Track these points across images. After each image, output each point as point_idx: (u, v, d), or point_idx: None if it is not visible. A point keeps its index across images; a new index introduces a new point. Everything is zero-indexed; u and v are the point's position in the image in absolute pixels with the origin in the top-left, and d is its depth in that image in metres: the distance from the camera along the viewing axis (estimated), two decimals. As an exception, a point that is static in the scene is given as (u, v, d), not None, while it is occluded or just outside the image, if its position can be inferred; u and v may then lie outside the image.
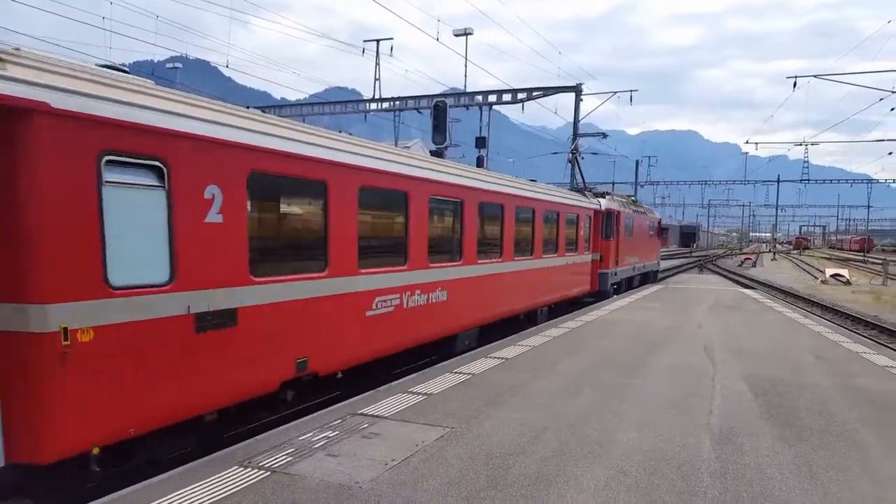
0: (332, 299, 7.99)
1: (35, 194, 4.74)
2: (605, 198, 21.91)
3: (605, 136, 33.15)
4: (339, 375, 8.58)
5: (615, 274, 22.53)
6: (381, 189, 9.09)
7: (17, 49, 4.94)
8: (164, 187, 5.69)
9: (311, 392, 8.21)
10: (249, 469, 5.37)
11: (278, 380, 7.14)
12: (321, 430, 6.41)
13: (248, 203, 6.66)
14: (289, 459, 5.59)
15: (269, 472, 5.29)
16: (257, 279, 6.71)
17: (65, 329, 4.88)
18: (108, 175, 5.21)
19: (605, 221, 21.31)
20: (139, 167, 5.49)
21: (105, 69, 5.77)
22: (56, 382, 4.85)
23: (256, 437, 6.30)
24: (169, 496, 4.82)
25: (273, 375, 7.06)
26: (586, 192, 21.94)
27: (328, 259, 7.90)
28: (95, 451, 5.22)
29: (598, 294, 21.29)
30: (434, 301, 10.64)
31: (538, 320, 15.98)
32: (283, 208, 7.75)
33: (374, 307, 8.91)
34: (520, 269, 14.44)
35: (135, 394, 5.46)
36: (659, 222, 32.61)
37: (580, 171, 25.28)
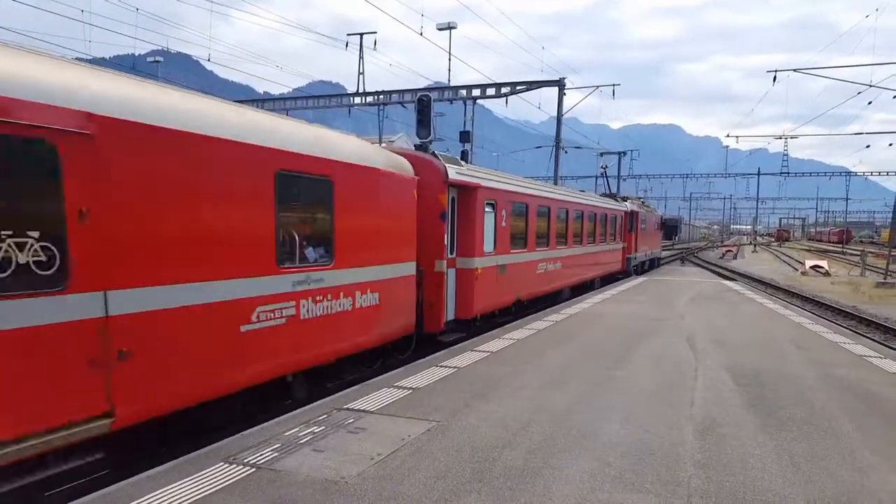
0: (526, 263, 15.93)
1: (477, 216, 12.50)
2: (627, 201, 30.50)
3: (624, 154, 42.27)
4: (525, 303, 16.01)
5: (635, 258, 30.53)
6: (542, 206, 17.09)
7: (461, 160, 12.99)
8: (493, 212, 13.35)
9: (520, 312, 15.56)
10: (235, 465, 5.34)
11: (512, 301, 15.04)
12: (307, 426, 6.40)
13: (511, 217, 14.47)
14: (274, 455, 5.57)
15: (254, 469, 5.27)
16: (511, 251, 14.63)
17: (476, 268, 12.47)
18: (485, 209, 12.95)
19: (630, 219, 29.17)
20: (489, 204, 13.12)
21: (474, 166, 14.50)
22: (475, 287, 12.50)
23: (242, 432, 6.26)
24: (154, 493, 4.78)
25: (512, 298, 14.95)
26: (617, 198, 30.27)
27: (527, 241, 15.92)
28: (477, 318, 12.97)
29: (625, 273, 28.93)
30: (556, 268, 18.54)
31: (595, 286, 23.71)
32: (519, 218, 15.27)
33: (538, 269, 16.97)
34: (589, 252, 22.54)
35: (486, 294, 13.12)
36: (662, 219, 40.92)
37: (608, 181, 34.20)
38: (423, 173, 10.85)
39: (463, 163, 12.91)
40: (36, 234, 4.67)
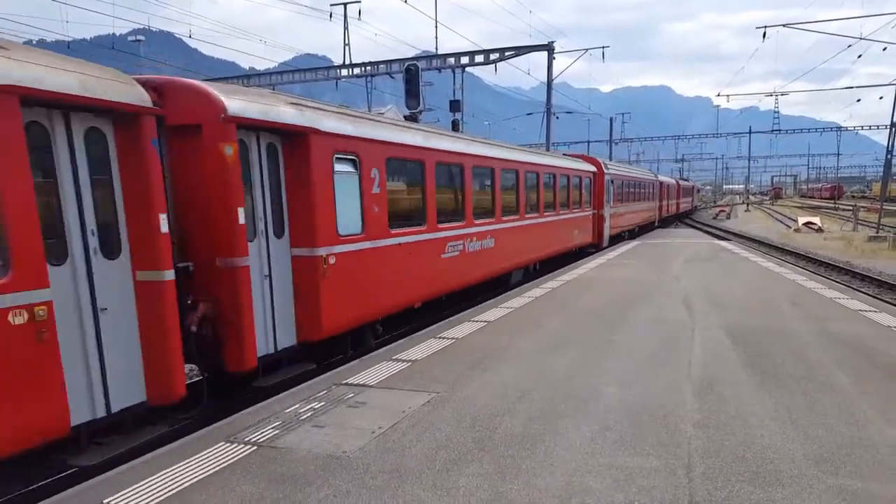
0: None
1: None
2: (689, 181, 63.45)
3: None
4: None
5: (691, 206, 58.62)
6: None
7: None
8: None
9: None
10: (236, 444, 5.34)
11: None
12: (307, 402, 6.40)
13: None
14: (275, 433, 5.57)
15: (255, 447, 5.27)
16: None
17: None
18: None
19: (692, 190, 57.00)
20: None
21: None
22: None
23: (241, 411, 6.26)
24: (155, 476, 4.77)
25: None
26: (688, 180, 61.41)
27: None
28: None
29: (688, 213, 58.23)
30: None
31: (679, 218, 53.07)
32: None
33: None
34: (682, 201, 53.74)
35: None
36: (696, 188, 79.19)
37: (681, 170, 72.99)
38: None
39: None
40: None
